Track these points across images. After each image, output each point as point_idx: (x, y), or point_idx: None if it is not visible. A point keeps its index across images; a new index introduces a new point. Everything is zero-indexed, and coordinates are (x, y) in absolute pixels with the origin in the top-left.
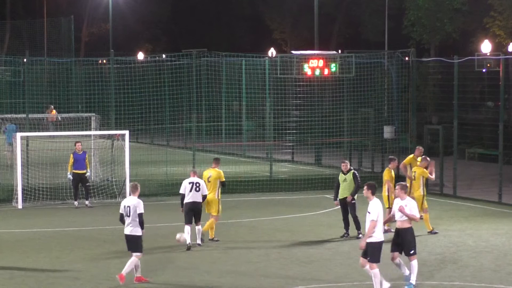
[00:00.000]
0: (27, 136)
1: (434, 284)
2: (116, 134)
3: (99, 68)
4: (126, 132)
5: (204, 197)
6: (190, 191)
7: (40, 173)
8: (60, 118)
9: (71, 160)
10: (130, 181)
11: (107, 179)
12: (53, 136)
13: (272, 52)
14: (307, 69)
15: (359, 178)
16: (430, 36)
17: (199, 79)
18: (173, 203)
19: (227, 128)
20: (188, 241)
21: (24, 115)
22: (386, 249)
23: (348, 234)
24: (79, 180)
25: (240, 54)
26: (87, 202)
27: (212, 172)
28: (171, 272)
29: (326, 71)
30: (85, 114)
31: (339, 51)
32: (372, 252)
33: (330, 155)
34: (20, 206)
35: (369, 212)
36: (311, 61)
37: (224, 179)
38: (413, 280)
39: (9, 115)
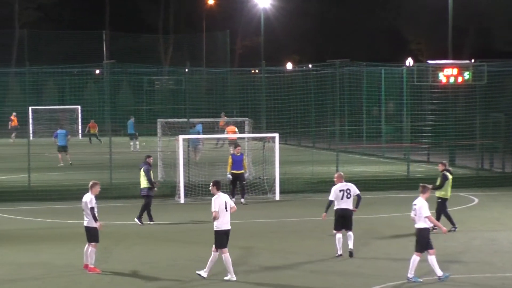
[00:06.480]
0: (188, 138)
1: None
2: (267, 137)
3: (251, 77)
4: (276, 135)
5: (358, 198)
6: (342, 198)
7: (199, 171)
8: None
9: (230, 161)
10: (280, 179)
11: (259, 177)
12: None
13: (409, 61)
14: (442, 77)
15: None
16: None
17: (342, 86)
18: (319, 199)
19: (368, 131)
20: (340, 251)
21: (185, 119)
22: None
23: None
24: (237, 179)
25: (379, 64)
26: (242, 200)
27: None
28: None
29: (459, 79)
30: (239, 118)
31: (472, 60)
32: (215, 239)
33: (463, 156)
34: (182, 201)
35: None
36: (445, 69)
37: None
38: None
39: (196, 119)
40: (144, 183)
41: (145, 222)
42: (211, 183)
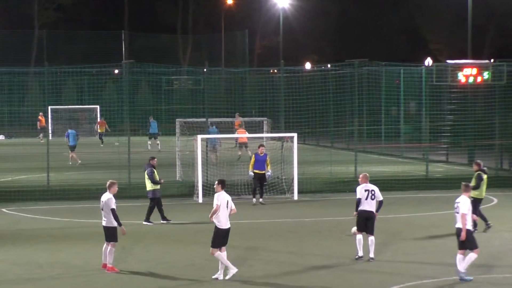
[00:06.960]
0: (207, 138)
1: None
2: (285, 136)
3: (270, 77)
4: (295, 135)
5: (380, 203)
6: (366, 199)
7: (217, 171)
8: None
9: (253, 160)
10: (298, 179)
11: (277, 177)
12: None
13: (428, 61)
14: (461, 77)
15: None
16: None
17: (360, 86)
18: (337, 199)
19: (386, 131)
20: (360, 253)
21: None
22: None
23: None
24: (259, 179)
25: (398, 64)
26: (261, 200)
27: None
28: (334, 261)
29: (479, 79)
30: (258, 118)
31: (491, 60)
32: (215, 237)
33: (482, 156)
34: (200, 200)
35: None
36: (465, 69)
37: None
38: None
39: (214, 119)
40: (149, 186)
41: (159, 222)
42: (216, 181)
